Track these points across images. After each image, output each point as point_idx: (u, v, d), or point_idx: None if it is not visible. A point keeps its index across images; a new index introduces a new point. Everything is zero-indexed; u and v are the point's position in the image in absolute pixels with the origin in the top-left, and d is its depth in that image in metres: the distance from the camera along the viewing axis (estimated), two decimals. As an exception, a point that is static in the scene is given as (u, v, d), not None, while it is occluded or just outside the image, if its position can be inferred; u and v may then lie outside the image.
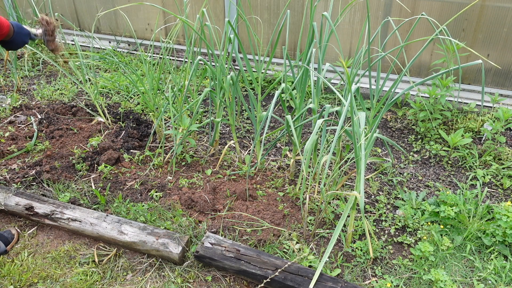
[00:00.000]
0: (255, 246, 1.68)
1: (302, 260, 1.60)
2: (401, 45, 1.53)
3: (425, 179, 2.07)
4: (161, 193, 1.95)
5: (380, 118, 1.61)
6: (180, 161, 2.18)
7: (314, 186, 1.94)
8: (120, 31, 3.46)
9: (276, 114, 2.61)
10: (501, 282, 1.54)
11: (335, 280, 1.45)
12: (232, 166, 2.16)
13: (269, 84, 2.88)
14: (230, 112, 2.05)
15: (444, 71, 1.50)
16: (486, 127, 2.28)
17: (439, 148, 2.24)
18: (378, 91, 1.67)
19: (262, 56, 2.73)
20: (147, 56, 2.36)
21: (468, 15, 2.42)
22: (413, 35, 2.55)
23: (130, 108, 2.70)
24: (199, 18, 1.88)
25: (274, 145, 2.03)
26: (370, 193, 1.97)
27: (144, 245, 1.63)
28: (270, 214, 1.82)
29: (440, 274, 1.50)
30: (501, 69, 2.51)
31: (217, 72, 1.91)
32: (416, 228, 1.76)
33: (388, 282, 1.52)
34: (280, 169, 2.14)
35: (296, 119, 1.82)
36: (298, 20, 2.81)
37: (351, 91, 1.30)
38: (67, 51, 2.31)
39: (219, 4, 2.99)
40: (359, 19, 2.68)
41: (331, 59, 2.82)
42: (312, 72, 1.62)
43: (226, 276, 1.59)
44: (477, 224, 1.73)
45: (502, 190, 1.98)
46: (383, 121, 2.56)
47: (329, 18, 1.58)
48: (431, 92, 2.28)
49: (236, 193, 1.93)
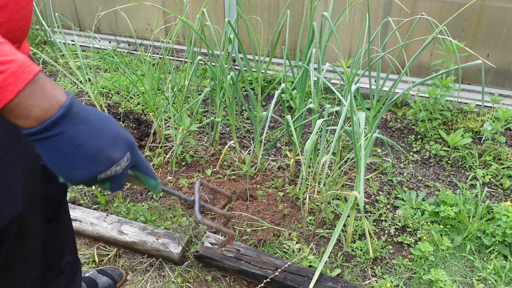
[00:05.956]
0: (255, 246, 1.68)
1: (302, 260, 1.60)
2: (401, 44, 1.53)
3: (425, 179, 2.08)
4: (161, 193, 1.95)
5: (380, 118, 1.62)
6: (180, 161, 2.19)
7: (314, 186, 1.94)
8: (120, 31, 3.46)
9: (276, 114, 2.62)
10: (500, 282, 1.54)
11: (335, 280, 1.45)
12: (232, 166, 2.16)
13: (269, 84, 2.88)
14: (230, 112, 2.05)
15: (444, 71, 1.50)
16: (486, 127, 2.28)
17: (439, 148, 2.25)
18: (378, 91, 1.68)
19: (262, 56, 2.73)
20: (147, 56, 2.36)
21: (468, 15, 2.42)
22: (413, 35, 2.55)
23: (130, 108, 2.70)
24: (199, 18, 1.88)
25: (274, 145, 2.03)
26: (370, 193, 1.97)
27: (144, 245, 1.63)
28: (270, 214, 1.82)
29: (440, 274, 1.50)
30: (501, 69, 2.51)
31: (217, 72, 1.91)
32: (416, 228, 1.76)
33: (388, 282, 1.53)
34: (280, 169, 2.14)
35: (296, 119, 1.82)
36: (298, 20, 2.81)
37: (350, 91, 1.30)
38: (71, 52, 2.31)
39: (219, 4, 2.99)
40: (359, 19, 2.68)
41: (331, 59, 2.82)
42: (312, 72, 1.62)
43: (226, 276, 1.59)
44: (477, 224, 1.73)
45: (502, 190, 1.98)
46: (383, 121, 2.56)
47: (329, 18, 1.58)
48: (431, 92, 2.28)
49: (236, 193, 1.93)
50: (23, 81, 0.53)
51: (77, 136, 0.57)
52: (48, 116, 0.55)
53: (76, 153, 0.58)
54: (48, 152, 0.57)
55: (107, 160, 0.60)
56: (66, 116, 0.56)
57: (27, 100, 0.54)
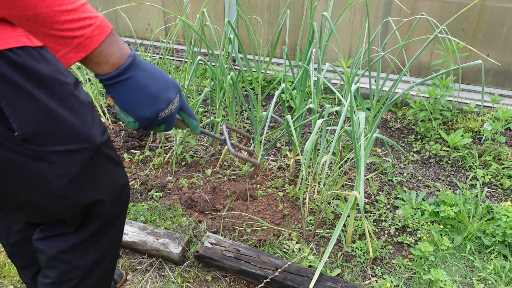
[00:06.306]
0: (255, 246, 1.68)
1: (302, 260, 1.60)
2: (401, 44, 1.53)
3: (425, 179, 2.08)
4: (161, 193, 1.95)
5: (380, 118, 1.62)
6: (180, 161, 2.19)
7: (314, 186, 1.94)
8: (120, 31, 3.46)
9: (276, 114, 2.62)
10: (500, 282, 1.54)
11: (335, 280, 1.45)
12: (232, 166, 2.16)
13: (269, 84, 2.88)
14: (230, 112, 2.05)
15: (444, 71, 1.50)
16: (486, 127, 2.28)
17: (439, 148, 2.25)
18: (378, 91, 1.68)
19: (262, 56, 2.73)
20: (147, 56, 2.36)
21: (468, 15, 2.42)
22: (413, 35, 2.55)
23: (130, 108, 2.70)
24: (199, 18, 1.88)
25: (274, 145, 2.03)
26: (370, 193, 1.97)
27: (144, 245, 1.63)
28: (270, 214, 1.82)
29: (440, 274, 1.50)
30: (501, 69, 2.51)
31: (217, 72, 1.91)
32: (416, 228, 1.76)
33: (388, 282, 1.53)
34: (280, 169, 2.14)
35: (296, 119, 1.82)
36: (298, 20, 2.82)
37: (350, 91, 1.30)
38: None
39: (219, 4, 2.99)
40: (359, 19, 2.68)
41: (331, 59, 2.82)
42: (312, 72, 1.63)
43: (226, 276, 1.59)
44: (477, 224, 1.73)
45: (502, 190, 1.99)
46: (383, 121, 2.56)
47: (329, 18, 1.58)
48: (431, 92, 2.28)
49: (236, 193, 1.93)
50: (104, 34, 0.66)
51: (142, 79, 0.71)
52: (121, 63, 0.69)
53: (143, 93, 0.72)
54: (122, 93, 0.71)
55: (166, 98, 0.74)
56: (133, 64, 0.70)
57: (107, 49, 0.67)
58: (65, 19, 0.62)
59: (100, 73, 0.69)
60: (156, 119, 0.75)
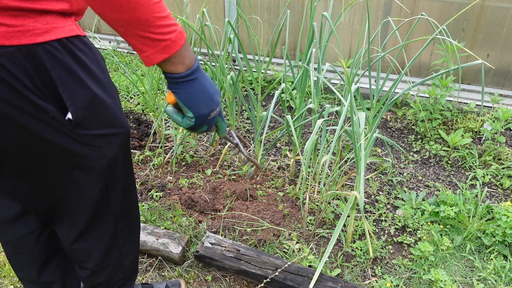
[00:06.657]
0: (255, 246, 1.68)
1: (302, 260, 1.60)
2: (401, 44, 1.53)
3: (425, 179, 2.08)
4: (161, 193, 1.95)
5: (380, 118, 1.62)
6: (180, 161, 2.19)
7: (314, 186, 1.94)
8: (120, 31, 3.46)
9: (276, 114, 2.62)
10: (500, 282, 1.54)
11: (335, 280, 1.45)
12: (232, 166, 2.16)
13: (269, 84, 2.88)
14: (230, 112, 2.05)
15: (444, 71, 1.50)
16: (486, 127, 2.28)
17: (439, 148, 2.25)
18: (378, 91, 1.68)
19: (262, 56, 2.73)
20: (147, 56, 2.36)
21: (468, 15, 2.42)
22: (413, 35, 2.55)
23: (130, 108, 2.70)
24: (199, 18, 1.88)
25: (274, 145, 2.03)
26: (370, 193, 1.97)
27: (144, 245, 1.63)
28: (270, 214, 1.82)
29: (440, 274, 1.50)
30: (500, 69, 2.51)
31: (217, 72, 1.91)
32: (416, 228, 1.76)
33: (388, 282, 1.53)
34: (280, 169, 2.14)
35: (296, 119, 1.82)
36: (298, 20, 2.82)
37: (350, 91, 1.30)
38: None
39: (219, 4, 2.99)
40: (359, 19, 2.68)
41: (331, 59, 2.82)
42: (312, 72, 1.63)
43: (226, 276, 1.59)
44: (477, 224, 1.73)
45: (502, 190, 1.99)
46: (383, 121, 2.56)
47: (329, 18, 1.58)
48: (431, 92, 2.28)
49: (236, 193, 1.93)
50: (184, 39, 0.77)
51: (205, 81, 0.83)
52: (192, 65, 0.80)
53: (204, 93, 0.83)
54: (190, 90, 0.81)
55: (217, 101, 0.86)
56: (198, 67, 0.82)
57: (184, 52, 0.78)
58: (160, 24, 0.72)
59: (174, 72, 0.79)
60: (207, 117, 0.86)
